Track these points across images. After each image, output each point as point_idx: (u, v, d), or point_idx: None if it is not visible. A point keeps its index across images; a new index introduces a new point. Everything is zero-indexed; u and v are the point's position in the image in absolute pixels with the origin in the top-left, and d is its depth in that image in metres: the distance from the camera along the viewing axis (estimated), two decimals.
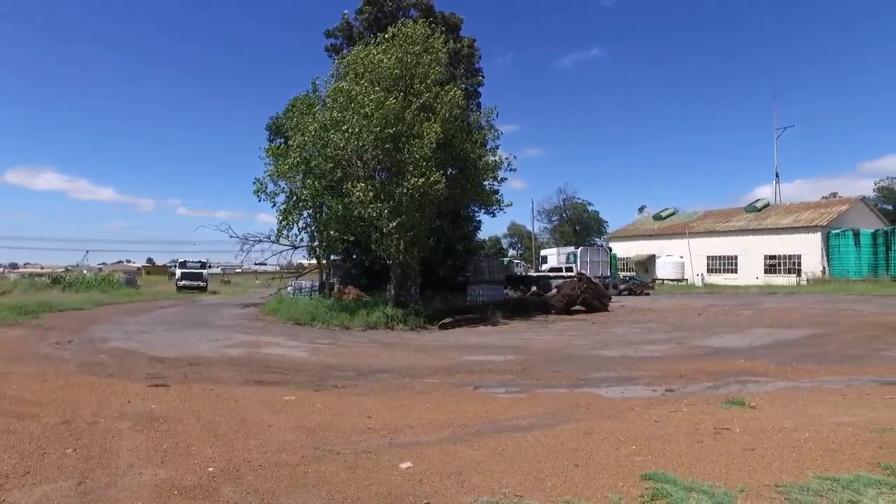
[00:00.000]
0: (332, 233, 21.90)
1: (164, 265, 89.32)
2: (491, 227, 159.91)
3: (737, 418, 6.29)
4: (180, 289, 43.25)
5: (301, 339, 15.42)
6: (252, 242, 25.61)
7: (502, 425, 6.24)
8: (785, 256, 40.82)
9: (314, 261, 28.62)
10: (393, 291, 21.17)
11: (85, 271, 62.22)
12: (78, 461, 4.86)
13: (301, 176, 20.29)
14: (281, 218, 21.29)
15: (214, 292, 44.29)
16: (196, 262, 47.03)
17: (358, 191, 18.17)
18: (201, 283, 44.70)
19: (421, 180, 18.00)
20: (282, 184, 21.80)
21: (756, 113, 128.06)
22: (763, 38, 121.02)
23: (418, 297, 21.66)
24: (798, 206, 45.91)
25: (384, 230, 18.84)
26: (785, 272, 40.34)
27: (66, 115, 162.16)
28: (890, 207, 64.94)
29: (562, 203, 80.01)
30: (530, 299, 23.54)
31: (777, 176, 55.57)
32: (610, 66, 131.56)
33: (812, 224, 40.21)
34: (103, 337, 14.98)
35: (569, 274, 28.95)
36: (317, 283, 29.00)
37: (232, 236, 26.07)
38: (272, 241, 24.14)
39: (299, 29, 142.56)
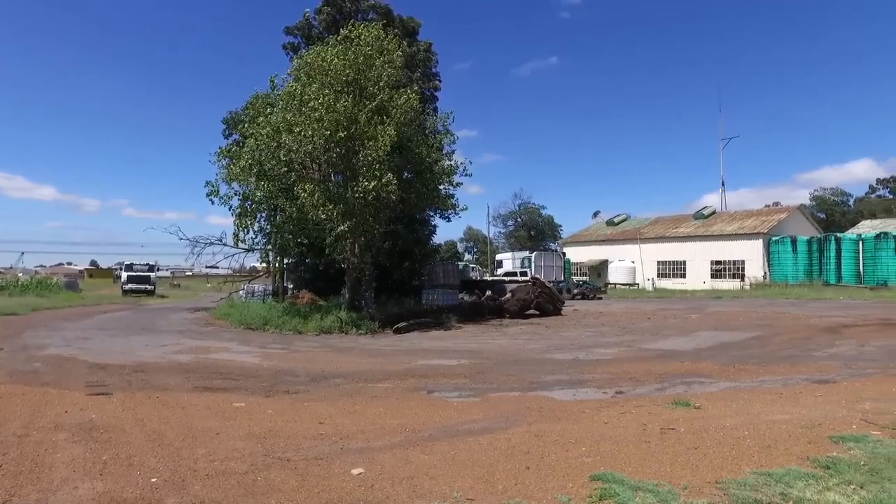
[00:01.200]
0: (286, 236, 21.55)
1: (109, 268, 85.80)
2: (447, 231, 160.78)
3: (682, 418, 6.49)
4: (126, 293, 41.72)
5: (253, 345, 15.09)
6: (203, 245, 24.95)
7: (455, 429, 6.26)
8: (730, 262, 42.42)
9: (265, 264, 28.07)
10: (347, 296, 20.97)
11: (20, 274, 59.20)
12: (4, 477, 4.58)
13: (254, 179, 19.90)
14: (237, 221, 20.82)
15: (163, 296, 42.92)
16: (143, 265, 45.49)
17: (306, 193, 17.94)
18: (149, 287, 43.25)
19: (373, 183, 17.92)
20: (235, 186, 21.33)
21: (705, 123, 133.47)
22: (711, 52, 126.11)
23: (373, 302, 21.52)
24: (742, 214, 47.85)
25: (337, 233, 18.66)
26: (730, 277, 41.92)
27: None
28: (823, 216, 68.59)
29: (517, 208, 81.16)
30: (485, 303, 23.73)
31: (723, 184, 57.75)
32: (567, 74, 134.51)
33: (754, 231, 41.97)
34: (39, 344, 14.29)
35: (523, 278, 29.30)
36: (270, 287, 28.46)
37: (182, 238, 25.35)
38: (225, 244, 23.60)
39: (258, 23, 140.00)
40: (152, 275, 45.22)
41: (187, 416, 6.87)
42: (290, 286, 28.41)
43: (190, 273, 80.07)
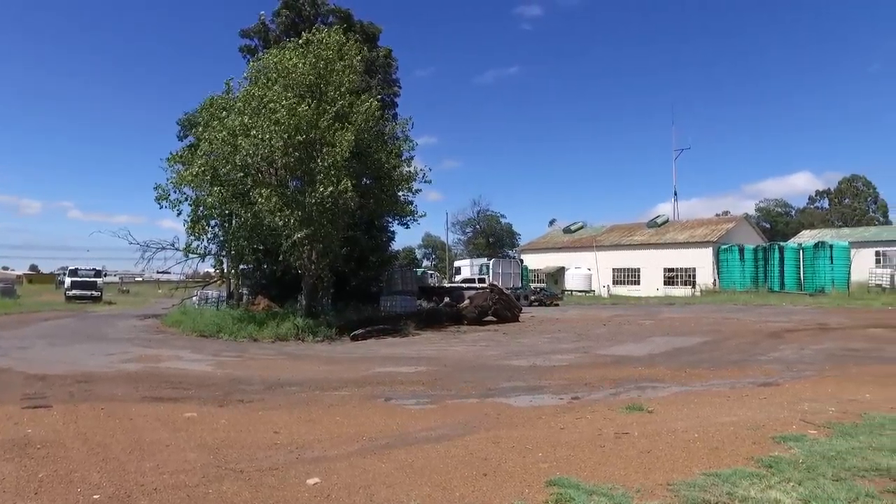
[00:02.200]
0: (241, 242, 21.10)
1: (52, 273, 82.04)
2: (406, 237, 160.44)
3: (636, 423, 6.65)
4: (70, 299, 39.91)
5: (206, 352, 14.70)
6: (154, 250, 24.14)
7: (412, 437, 6.25)
8: (682, 269, 43.71)
9: (221, 271, 27.37)
10: (304, 302, 20.66)
11: None
12: None
13: (208, 184, 19.41)
14: (189, 229, 20.21)
15: (110, 303, 41.25)
16: (89, 270, 43.66)
17: (262, 198, 17.62)
18: (95, 293, 41.50)
19: (330, 188, 17.75)
20: (187, 191, 20.73)
21: (659, 134, 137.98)
22: (665, 65, 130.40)
23: (330, 308, 21.28)
24: (693, 223, 49.43)
25: (294, 239, 18.38)
26: (682, 284, 43.18)
27: None
28: (768, 226, 71.58)
29: (476, 215, 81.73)
30: (443, 310, 23.75)
31: (675, 194, 59.61)
32: (527, 84, 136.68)
33: (705, 240, 43.39)
34: None
35: (481, 285, 29.48)
36: (225, 293, 27.79)
37: (132, 243, 24.46)
38: (178, 249, 22.89)
39: (212, 24, 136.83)
40: (99, 280, 43.46)
41: (135, 428, 6.63)
42: (246, 292, 27.80)
43: (140, 279, 77.44)
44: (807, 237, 47.44)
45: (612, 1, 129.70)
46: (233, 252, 22.08)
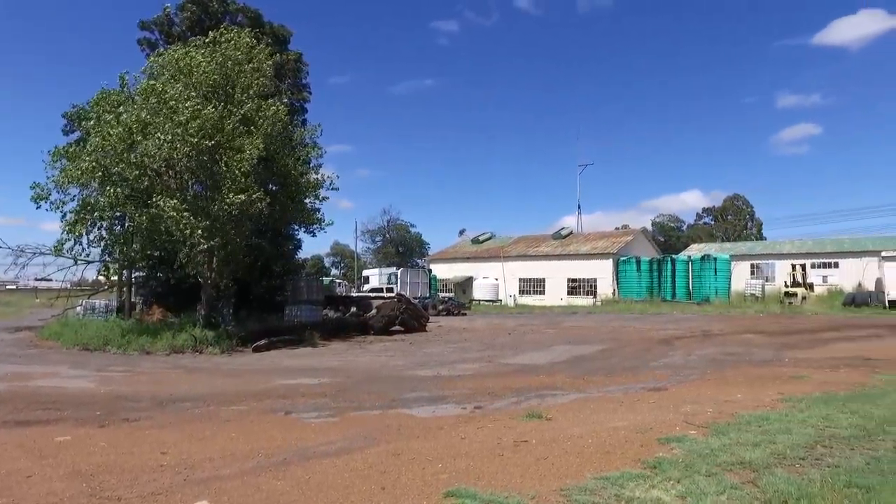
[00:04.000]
0: (134, 247, 19.72)
1: None
2: (314, 245, 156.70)
3: (534, 430, 6.83)
4: None
5: (89, 368, 13.57)
6: (30, 255, 21.94)
7: (312, 451, 6.08)
8: (584, 279, 45.70)
9: (114, 277, 25.30)
10: (203, 312, 19.61)
11: None
12: None
13: (98, 183, 17.97)
14: (68, 229, 18.48)
15: None
16: None
17: (169, 208, 16.58)
18: None
19: (241, 197, 17.03)
20: (72, 190, 19.03)
21: (566, 149, 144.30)
22: (572, 81, 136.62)
23: (232, 318, 20.35)
24: (595, 235, 51.96)
25: (195, 247, 17.42)
26: (584, 294, 45.14)
27: None
28: (662, 239, 76.73)
29: (386, 224, 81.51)
30: (350, 320, 23.41)
31: (579, 207, 62.88)
32: (442, 95, 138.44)
33: (605, 251, 45.68)
34: None
35: (389, 294, 29.36)
36: (114, 303, 25.80)
37: (2, 247, 22.14)
38: (51, 253, 20.83)
39: (105, 10, 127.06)
40: None
41: None
42: (139, 301, 25.98)
43: (14, 287, 70.29)
44: (695, 250, 51.22)
45: (524, 20, 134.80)
46: (124, 258, 20.53)
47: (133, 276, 25.01)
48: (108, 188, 17.77)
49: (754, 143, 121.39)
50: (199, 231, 16.89)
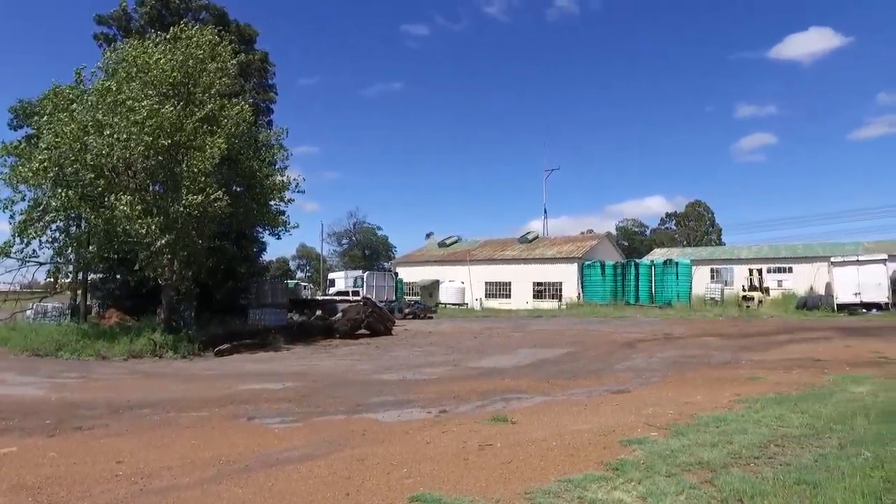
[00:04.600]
0: (90, 248, 19.09)
1: None
2: (280, 248, 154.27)
3: (499, 434, 6.86)
4: None
5: (40, 374, 13.08)
6: None
7: (275, 458, 5.99)
8: (550, 283, 46.09)
9: (67, 279, 24.37)
10: (164, 315, 19.11)
11: None
12: None
13: (50, 183, 17.34)
14: (18, 231, 17.73)
15: None
16: None
17: (123, 205, 16.12)
18: None
19: (200, 197, 16.66)
20: (23, 189, 18.29)
21: (533, 154, 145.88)
22: (539, 86, 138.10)
23: (193, 322, 19.89)
24: (561, 240, 52.55)
25: (154, 249, 16.97)
26: (549, 297, 45.53)
27: None
28: (626, 244, 78.20)
29: (352, 227, 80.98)
30: (315, 323, 23.17)
31: (545, 212, 63.45)
32: (411, 99, 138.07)
33: (571, 256, 46.20)
34: None
35: (355, 298, 29.15)
36: (68, 306, 24.94)
37: None
38: (8, 256, 19.98)
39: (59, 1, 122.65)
40: None
41: None
42: (95, 304, 25.17)
43: None
44: (658, 255, 52.27)
45: (494, 26, 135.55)
46: (79, 260, 19.85)
47: (89, 278, 24.21)
48: (59, 190, 17.16)
49: (714, 150, 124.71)
50: (156, 231, 16.47)
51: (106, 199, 16.99)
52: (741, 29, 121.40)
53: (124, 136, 16.33)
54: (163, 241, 16.71)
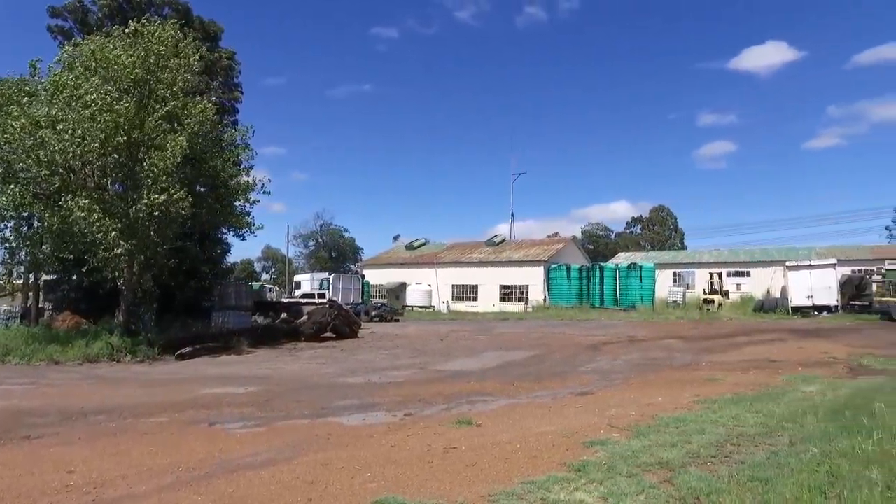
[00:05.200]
0: (44, 248, 18.41)
1: None
2: (245, 250, 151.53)
3: (464, 437, 6.88)
4: None
5: None
6: None
7: (236, 463, 5.88)
8: (516, 286, 46.45)
9: (18, 281, 23.44)
10: (122, 318, 18.53)
11: None
12: None
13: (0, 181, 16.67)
14: None
15: None
16: None
17: (80, 209, 15.58)
18: None
19: (162, 197, 16.24)
20: None
21: (500, 158, 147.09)
22: (507, 90, 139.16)
23: (153, 325, 19.36)
24: (528, 243, 53.02)
25: (112, 249, 16.47)
26: (516, 300, 45.88)
27: None
28: (592, 247, 79.38)
29: (319, 228, 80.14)
30: (280, 326, 22.83)
31: (512, 215, 63.81)
32: (380, 101, 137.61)
33: (537, 259, 46.66)
34: None
35: (321, 300, 28.84)
36: (18, 309, 23.97)
37: None
38: None
39: None
40: None
41: None
42: (48, 307, 24.25)
43: None
44: (622, 259, 53.29)
45: (464, 31, 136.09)
46: (30, 260, 19.11)
47: (42, 279, 23.34)
48: (10, 186, 16.52)
49: (678, 157, 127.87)
50: (114, 232, 16.00)
51: (62, 197, 16.41)
52: (703, 40, 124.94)
53: (79, 131, 15.81)
54: (124, 245, 16.24)
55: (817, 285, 32.10)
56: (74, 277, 22.56)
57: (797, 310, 31.96)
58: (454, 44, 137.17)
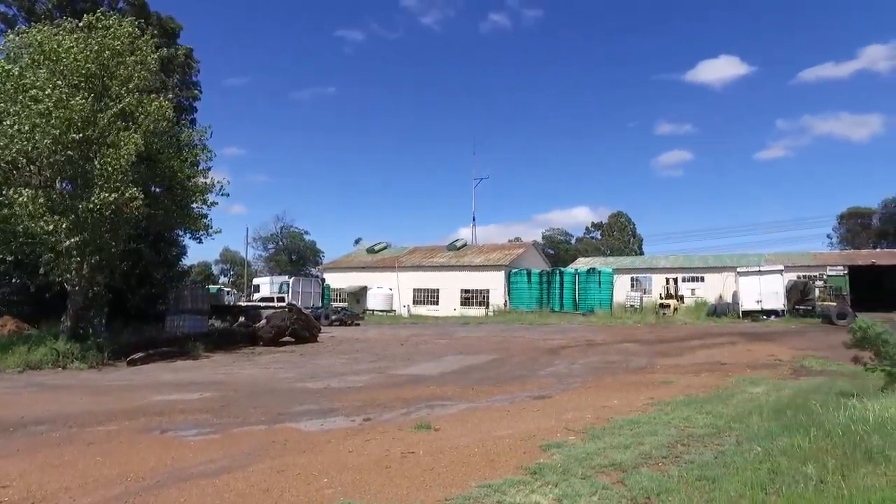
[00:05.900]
0: None
1: None
2: (202, 252, 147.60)
3: (422, 441, 6.89)
4: None
5: None
6: None
7: (189, 472, 5.74)
8: (477, 290, 46.65)
9: None
10: (69, 323, 17.81)
11: None
12: None
13: None
14: None
15: None
16: None
17: (24, 199, 14.96)
18: None
19: (113, 196, 15.72)
20: None
21: (463, 162, 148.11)
22: (469, 95, 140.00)
23: (104, 329, 18.70)
24: (489, 248, 53.35)
25: (60, 250, 15.83)
26: (477, 304, 46.07)
27: None
28: (552, 252, 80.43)
29: (279, 231, 78.86)
30: (237, 330, 22.38)
31: (474, 220, 64.13)
32: (344, 104, 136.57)
33: (498, 263, 46.98)
34: None
35: (280, 304, 28.39)
36: None
37: None
38: None
39: None
40: None
41: None
42: None
43: None
44: (582, 264, 54.06)
45: (428, 35, 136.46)
46: None
47: None
48: None
49: (636, 164, 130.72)
50: (62, 231, 15.39)
51: (3, 193, 15.70)
52: (662, 52, 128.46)
53: (27, 126, 15.18)
54: (70, 242, 15.63)
55: (766, 290, 33.32)
56: (16, 280, 21.64)
57: (747, 314, 33.07)
58: (419, 48, 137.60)
